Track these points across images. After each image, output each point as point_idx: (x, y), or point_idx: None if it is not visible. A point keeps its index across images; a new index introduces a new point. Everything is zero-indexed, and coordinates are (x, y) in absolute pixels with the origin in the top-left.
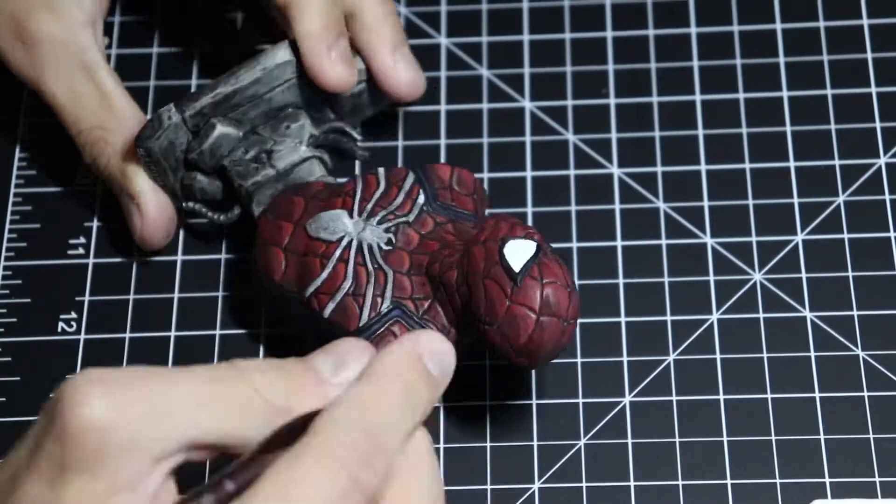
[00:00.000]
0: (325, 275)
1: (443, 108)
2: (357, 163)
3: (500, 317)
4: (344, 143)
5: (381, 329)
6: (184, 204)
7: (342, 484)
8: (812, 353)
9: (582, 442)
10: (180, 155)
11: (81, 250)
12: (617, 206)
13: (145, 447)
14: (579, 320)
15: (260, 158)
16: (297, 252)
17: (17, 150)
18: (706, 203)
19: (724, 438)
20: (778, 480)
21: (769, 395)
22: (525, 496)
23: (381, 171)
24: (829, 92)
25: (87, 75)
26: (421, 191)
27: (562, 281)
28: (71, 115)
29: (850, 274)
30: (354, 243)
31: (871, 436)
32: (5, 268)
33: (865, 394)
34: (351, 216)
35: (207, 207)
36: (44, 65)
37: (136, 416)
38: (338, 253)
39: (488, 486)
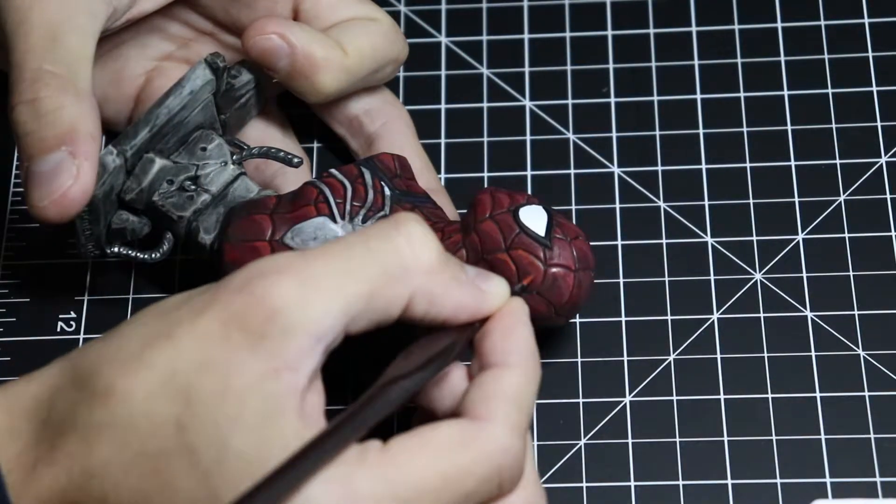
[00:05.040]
0: None
1: (443, 107)
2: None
3: (539, 282)
4: (274, 154)
5: None
6: (108, 249)
7: None
8: (813, 353)
9: (582, 442)
10: (115, 198)
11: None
12: (617, 206)
13: (309, 326)
14: (579, 320)
15: (187, 187)
16: None
17: (17, 149)
18: (707, 202)
19: (725, 438)
20: (778, 480)
21: (770, 395)
22: None
23: (336, 172)
24: (829, 91)
25: None
26: (382, 183)
27: (581, 234)
28: None
29: (851, 273)
30: None
31: (871, 435)
32: (4, 267)
33: (866, 393)
34: (334, 220)
35: (135, 248)
36: None
37: (307, 297)
38: None
39: None
